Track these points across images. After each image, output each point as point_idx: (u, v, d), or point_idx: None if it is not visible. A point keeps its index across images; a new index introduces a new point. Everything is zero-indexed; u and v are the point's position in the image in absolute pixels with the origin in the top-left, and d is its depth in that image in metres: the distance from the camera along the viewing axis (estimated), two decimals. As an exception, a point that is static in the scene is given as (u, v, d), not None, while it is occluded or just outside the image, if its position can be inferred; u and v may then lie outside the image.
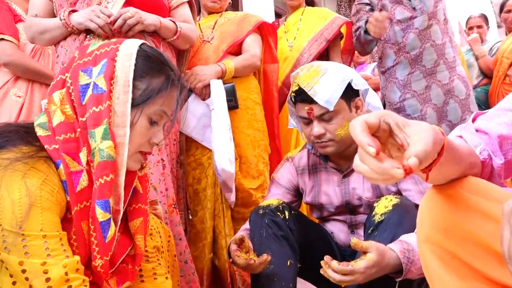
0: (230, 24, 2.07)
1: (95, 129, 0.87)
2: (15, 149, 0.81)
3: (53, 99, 0.91)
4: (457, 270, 0.69)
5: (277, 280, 1.22)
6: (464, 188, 0.70)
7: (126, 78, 0.90)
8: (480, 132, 0.80)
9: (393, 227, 1.15)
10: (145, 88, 0.92)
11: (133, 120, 0.91)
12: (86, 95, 0.89)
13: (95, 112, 0.87)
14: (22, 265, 0.75)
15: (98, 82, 0.89)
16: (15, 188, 0.77)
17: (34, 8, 1.57)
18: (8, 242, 0.75)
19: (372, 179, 0.59)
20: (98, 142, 0.86)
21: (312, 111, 1.32)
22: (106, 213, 0.87)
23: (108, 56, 0.91)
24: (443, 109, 2.17)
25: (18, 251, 0.75)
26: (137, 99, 0.91)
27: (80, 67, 0.92)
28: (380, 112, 0.62)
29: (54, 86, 0.93)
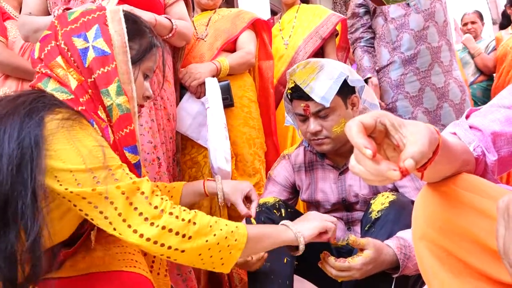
0: (224, 21, 2.06)
1: (108, 87, 0.97)
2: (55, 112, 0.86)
3: (58, 63, 0.98)
4: (452, 267, 0.69)
5: (273, 277, 1.23)
6: (459, 185, 0.71)
7: (122, 40, 1.00)
8: (473, 129, 0.80)
9: (389, 224, 1.16)
10: (138, 48, 1.05)
11: (134, 76, 1.02)
12: (87, 58, 0.97)
13: (103, 72, 0.97)
14: (119, 189, 0.85)
15: (98, 45, 0.98)
16: (82, 137, 0.86)
17: (27, 6, 1.56)
18: (99, 178, 0.84)
19: (368, 180, 0.59)
20: (114, 98, 0.97)
21: (308, 108, 1.33)
22: (136, 156, 1.00)
23: (99, 22, 1.00)
24: (436, 113, 2.15)
25: (111, 180, 0.85)
26: (133, 58, 1.02)
27: (71, 33, 0.99)
28: (376, 113, 0.62)
29: (50, 52, 0.99)
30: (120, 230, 0.85)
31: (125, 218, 0.84)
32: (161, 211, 0.87)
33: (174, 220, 0.87)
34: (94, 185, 0.83)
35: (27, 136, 0.81)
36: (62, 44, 0.98)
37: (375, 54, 2.31)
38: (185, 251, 0.87)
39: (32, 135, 0.81)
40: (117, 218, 0.84)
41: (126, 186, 0.86)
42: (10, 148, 0.79)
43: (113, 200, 0.84)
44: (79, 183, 0.82)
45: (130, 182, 0.87)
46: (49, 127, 0.83)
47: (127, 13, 1.07)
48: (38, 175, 0.80)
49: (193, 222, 0.89)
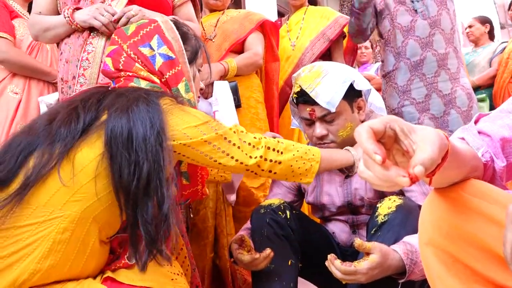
0: (232, 22, 2.07)
1: (177, 85, 1.17)
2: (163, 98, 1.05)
3: (138, 68, 1.16)
4: (459, 273, 0.68)
5: (278, 279, 1.23)
6: (466, 191, 0.70)
7: (179, 45, 1.20)
8: (482, 134, 0.80)
9: (396, 228, 1.15)
10: (191, 50, 1.25)
11: (193, 74, 1.24)
12: (156, 63, 1.17)
13: (173, 74, 1.17)
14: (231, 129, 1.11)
15: (163, 51, 1.18)
16: (189, 109, 1.09)
17: (38, 6, 1.57)
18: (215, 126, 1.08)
19: (377, 186, 0.59)
20: (184, 95, 1.17)
21: (314, 112, 1.33)
22: None
23: (157, 32, 1.20)
24: (443, 119, 2.13)
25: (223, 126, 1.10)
26: (189, 58, 1.23)
27: (136, 44, 1.17)
28: (386, 118, 0.62)
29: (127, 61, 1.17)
30: (241, 159, 1.09)
31: (242, 149, 1.09)
32: (259, 139, 1.13)
33: (269, 140, 1.14)
34: (214, 131, 1.06)
35: (155, 121, 0.97)
36: (132, 54, 1.16)
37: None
38: (281, 163, 1.14)
39: (158, 119, 0.97)
40: (237, 151, 1.08)
41: (234, 127, 1.11)
42: (147, 133, 0.94)
43: (231, 138, 1.08)
44: (204, 132, 1.04)
45: (234, 125, 1.12)
46: (166, 108, 1.02)
47: (173, 20, 1.27)
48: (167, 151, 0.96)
49: (281, 142, 1.17)
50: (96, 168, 0.92)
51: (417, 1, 2.16)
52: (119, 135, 0.93)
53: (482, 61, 3.67)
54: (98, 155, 0.93)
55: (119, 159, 0.92)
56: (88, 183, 0.92)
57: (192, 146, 1.03)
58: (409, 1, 2.17)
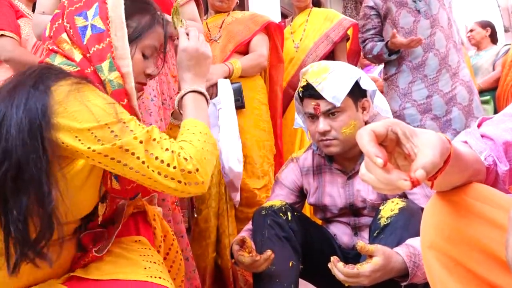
0: (237, 23, 2.07)
1: (101, 63, 0.99)
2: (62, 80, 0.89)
3: (63, 39, 1.02)
4: (461, 277, 0.68)
5: (278, 281, 1.23)
6: (469, 195, 0.70)
7: (119, 17, 1.01)
8: (485, 138, 0.79)
9: (399, 231, 1.15)
10: (136, 26, 1.05)
11: (131, 54, 1.03)
12: (85, 36, 1.00)
13: (98, 49, 0.99)
14: (137, 139, 0.89)
15: (95, 22, 1.01)
16: (93, 97, 0.89)
17: (41, 6, 1.57)
18: (116, 131, 0.88)
19: (378, 189, 0.59)
20: (107, 74, 0.99)
21: (318, 107, 1.33)
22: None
23: (99, 0, 1.02)
24: (446, 118, 2.14)
25: (127, 133, 0.89)
26: (131, 36, 1.03)
27: (74, 12, 1.02)
28: (388, 121, 0.62)
29: (57, 30, 1.03)
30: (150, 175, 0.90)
31: (147, 164, 0.90)
32: (172, 152, 0.92)
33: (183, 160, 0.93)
34: (112, 140, 0.87)
35: (34, 105, 0.83)
36: (65, 22, 1.02)
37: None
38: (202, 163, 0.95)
39: (39, 104, 0.84)
40: (140, 165, 0.89)
41: (141, 135, 0.90)
42: (19, 117, 0.82)
43: (134, 150, 0.89)
44: (99, 139, 0.86)
45: (145, 130, 0.92)
46: (58, 95, 0.86)
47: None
48: (49, 142, 0.83)
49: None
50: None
51: (419, 1, 2.17)
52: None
53: (485, 63, 3.67)
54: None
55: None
56: None
57: (86, 154, 0.87)
58: (411, 2, 2.18)
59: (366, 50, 2.35)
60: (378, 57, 2.27)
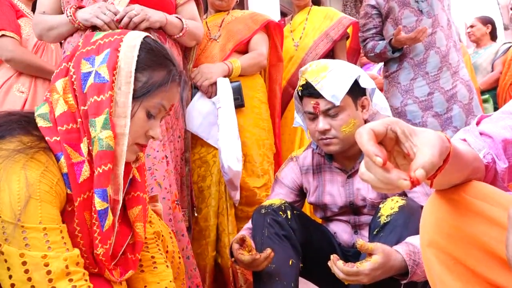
0: (237, 22, 2.07)
1: (95, 118, 0.87)
2: (15, 139, 0.80)
3: (55, 87, 0.91)
4: (461, 275, 0.68)
5: (278, 280, 1.23)
6: (468, 193, 0.70)
7: (128, 69, 0.90)
8: (484, 136, 0.79)
9: (399, 229, 1.15)
10: (146, 81, 0.93)
11: (132, 112, 0.91)
12: (87, 83, 0.89)
13: (96, 101, 0.88)
14: (22, 257, 0.75)
15: (101, 71, 0.89)
16: (14, 179, 0.77)
17: (42, 6, 1.58)
18: (8, 233, 0.74)
19: (377, 188, 0.59)
20: (98, 132, 0.86)
21: (318, 106, 1.33)
22: (104, 202, 0.87)
23: (111, 46, 0.92)
24: (447, 116, 2.15)
25: (19, 243, 0.75)
26: (137, 91, 0.91)
27: (83, 55, 0.92)
28: (387, 120, 0.62)
29: (58, 74, 0.93)
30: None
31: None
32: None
33: None
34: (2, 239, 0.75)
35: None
36: (71, 66, 0.92)
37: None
38: None
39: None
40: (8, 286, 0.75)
41: (31, 257, 0.75)
42: None
43: (11, 266, 0.75)
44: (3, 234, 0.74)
45: (41, 254, 0.76)
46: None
47: (150, 41, 0.97)
48: None
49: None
50: None
51: (422, 1, 2.18)
52: None
53: (484, 62, 3.66)
54: None
55: None
56: None
57: None
58: (414, 2, 2.19)
59: (367, 49, 2.35)
60: (381, 55, 2.28)
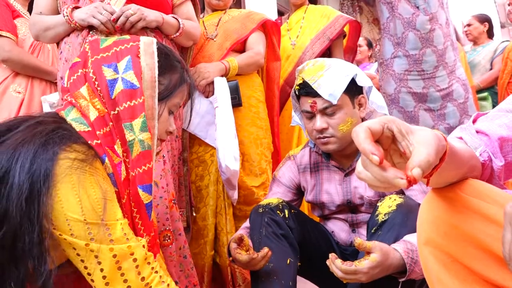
0: (234, 21, 2.07)
1: (132, 122, 0.94)
2: (70, 148, 0.85)
3: (81, 93, 0.97)
4: (458, 273, 0.68)
5: (276, 279, 1.23)
6: (464, 191, 0.70)
7: (152, 74, 0.98)
8: (480, 134, 0.79)
9: (397, 227, 1.15)
10: (168, 84, 1.03)
11: (159, 113, 1.00)
12: (115, 90, 0.95)
13: (130, 106, 0.95)
14: (112, 251, 0.82)
15: (128, 77, 0.96)
16: (88, 186, 0.83)
17: (38, 6, 1.57)
18: (93, 233, 0.82)
19: (374, 187, 0.59)
20: (138, 134, 0.95)
21: (315, 105, 1.33)
22: (149, 195, 0.96)
23: (131, 53, 0.98)
24: (440, 112, 2.15)
25: (105, 240, 0.82)
26: (161, 94, 1.01)
27: (102, 62, 0.97)
28: (384, 119, 0.62)
29: (76, 81, 0.98)
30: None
31: (108, 281, 0.82)
32: (145, 285, 0.84)
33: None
34: (88, 239, 0.81)
35: (38, 169, 0.79)
36: (91, 72, 0.97)
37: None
38: None
39: (43, 168, 0.79)
40: (100, 280, 0.82)
41: (119, 249, 0.83)
42: (21, 179, 0.78)
43: (102, 260, 0.82)
44: (73, 233, 0.81)
45: (125, 246, 0.84)
46: (62, 165, 0.81)
47: (161, 46, 1.05)
48: (44, 212, 0.79)
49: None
50: None
51: None
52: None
53: (483, 60, 3.66)
54: None
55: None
56: None
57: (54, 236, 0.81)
58: None
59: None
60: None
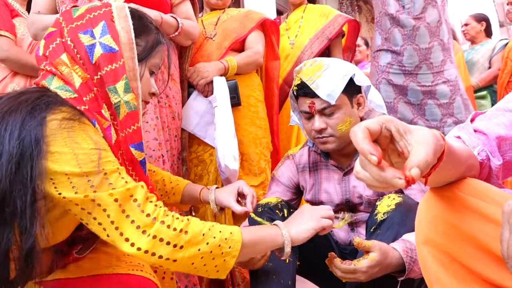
0: (232, 21, 2.07)
1: (115, 84, 0.97)
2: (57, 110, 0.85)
3: (62, 61, 0.97)
4: (456, 272, 0.68)
5: (275, 278, 1.23)
6: (462, 190, 0.70)
7: (129, 36, 1.00)
8: (478, 133, 0.80)
9: (395, 226, 1.15)
10: (145, 45, 1.05)
11: (140, 74, 1.02)
12: (94, 55, 0.96)
13: (111, 69, 0.97)
14: (112, 196, 0.83)
15: (105, 41, 0.97)
16: (81, 140, 0.84)
17: (36, 6, 1.57)
18: (95, 183, 0.83)
19: (372, 187, 0.59)
20: (122, 96, 0.97)
21: (313, 105, 1.33)
22: (142, 152, 1.00)
23: (105, 18, 1.00)
24: (420, 107, 2.14)
25: (105, 186, 0.84)
26: (140, 55, 1.02)
27: (77, 29, 0.98)
28: (382, 118, 0.62)
29: (55, 49, 0.98)
30: (113, 238, 0.84)
31: (117, 226, 0.83)
32: (153, 219, 0.85)
33: (165, 229, 0.86)
34: (87, 190, 0.82)
35: (28, 134, 0.80)
36: (69, 40, 0.97)
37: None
38: (177, 261, 0.86)
39: (33, 134, 0.80)
40: (109, 226, 0.83)
41: (119, 193, 0.84)
42: (11, 146, 0.78)
43: (106, 207, 0.83)
44: (74, 186, 0.81)
45: (124, 189, 0.85)
46: (50, 127, 0.82)
47: (133, 9, 1.07)
48: (38, 175, 0.79)
49: (185, 231, 0.87)
50: None
51: None
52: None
53: (481, 59, 3.67)
54: None
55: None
56: None
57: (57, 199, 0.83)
58: None
59: None
60: None
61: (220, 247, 0.90)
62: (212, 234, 0.90)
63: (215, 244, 0.90)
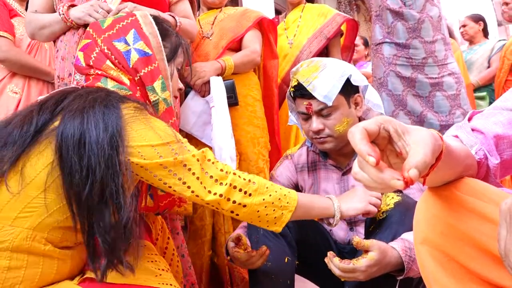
0: (229, 20, 2.06)
1: (153, 84, 1.10)
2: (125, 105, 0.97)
3: (108, 66, 1.10)
4: (454, 272, 0.68)
5: (274, 277, 1.23)
6: (460, 190, 0.70)
7: (157, 41, 1.14)
8: (476, 132, 0.79)
9: (394, 225, 1.16)
10: (171, 46, 1.19)
11: (170, 73, 1.16)
12: (131, 60, 1.10)
13: (148, 71, 1.11)
14: (195, 157, 0.98)
15: (139, 47, 1.11)
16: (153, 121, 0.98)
17: (34, 5, 1.57)
18: (176, 149, 0.97)
19: (370, 188, 0.59)
20: (160, 94, 1.12)
21: (310, 106, 1.33)
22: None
23: (134, 26, 1.14)
24: (428, 99, 2.15)
25: (185, 151, 0.98)
26: (168, 56, 1.17)
27: (111, 38, 1.12)
28: (380, 119, 0.61)
29: (98, 58, 1.11)
30: (198, 192, 0.97)
31: (201, 181, 0.98)
32: (226, 173, 1.00)
33: (238, 178, 1.01)
34: (173, 155, 0.96)
35: (111, 125, 0.90)
36: (105, 49, 1.11)
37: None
38: (246, 206, 1.01)
39: (114, 123, 0.91)
40: (195, 182, 0.97)
41: (198, 154, 0.99)
42: (99, 135, 0.88)
43: (191, 166, 0.97)
44: (161, 155, 0.94)
45: (200, 151, 1.00)
46: (127, 115, 0.94)
47: (154, 16, 1.20)
48: (125, 158, 0.90)
49: (253, 182, 1.02)
50: (46, 179, 0.87)
51: None
52: (70, 138, 0.87)
53: (480, 58, 3.67)
54: (47, 165, 0.87)
55: (70, 164, 0.86)
56: (38, 197, 0.87)
57: (146, 167, 0.94)
58: None
59: None
60: None
61: (280, 200, 1.04)
62: (274, 188, 1.05)
63: (277, 197, 1.04)
